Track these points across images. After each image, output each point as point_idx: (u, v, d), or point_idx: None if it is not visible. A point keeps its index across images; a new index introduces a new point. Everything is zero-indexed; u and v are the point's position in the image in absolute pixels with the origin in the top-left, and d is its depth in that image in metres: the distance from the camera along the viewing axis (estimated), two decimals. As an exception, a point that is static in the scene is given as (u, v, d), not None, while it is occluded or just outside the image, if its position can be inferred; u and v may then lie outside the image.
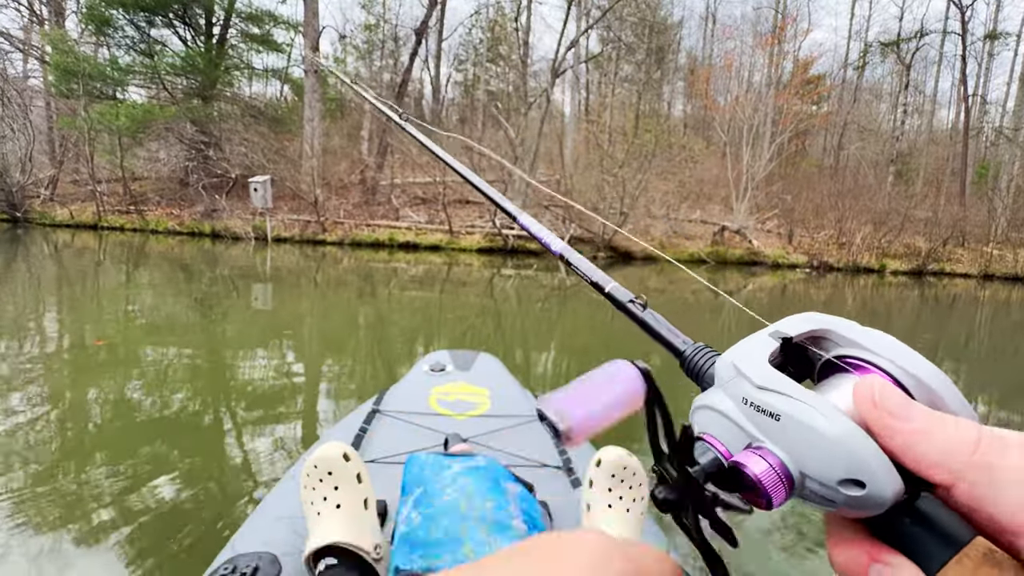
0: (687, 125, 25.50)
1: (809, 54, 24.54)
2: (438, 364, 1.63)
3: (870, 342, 0.21)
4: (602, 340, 4.64)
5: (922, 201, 16.22)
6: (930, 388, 0.19)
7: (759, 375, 0.21)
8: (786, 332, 0.23)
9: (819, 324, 0.23)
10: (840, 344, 0.22)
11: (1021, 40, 20.10)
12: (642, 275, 10.42)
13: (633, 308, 0.36)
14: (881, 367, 0.20)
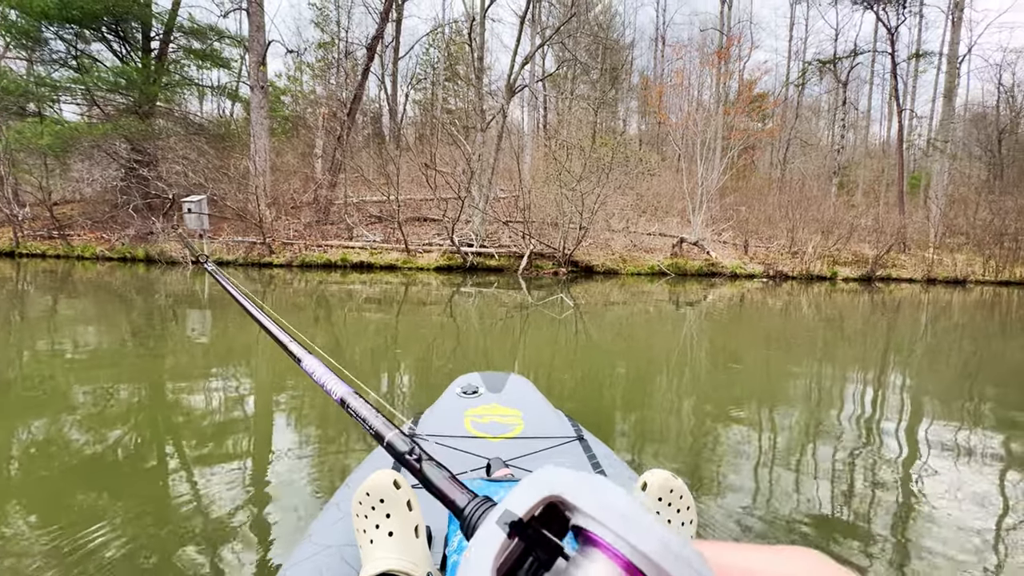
0: (642, 141, 26.14)
1: (753, 73, 25.72)
2: (470, 386, 1.62)
3: (597, 510, 0.19)
4: (565, 357, 4.36)
5: (866, 211, 17.00)
6: (663, 569, 0.18)
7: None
8: (515, 512, 0.20)
9: (548, 490, 0.21)
10: (572, 510, 0.20)
11: (942, 60, 21.69)
12: (603, 289, 10.29)
13: (410, 460, 0.35)
14: (614, 545, 0.18)
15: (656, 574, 0.18)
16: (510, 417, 1.43)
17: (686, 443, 2.47)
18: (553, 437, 1.32)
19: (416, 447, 0.36)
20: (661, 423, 2.76)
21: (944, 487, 2.03)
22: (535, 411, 1.50)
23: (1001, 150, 21.42)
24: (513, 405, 1.51)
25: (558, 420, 1.48)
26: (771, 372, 4.16)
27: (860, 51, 23.37)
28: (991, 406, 3.31)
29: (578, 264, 12.23)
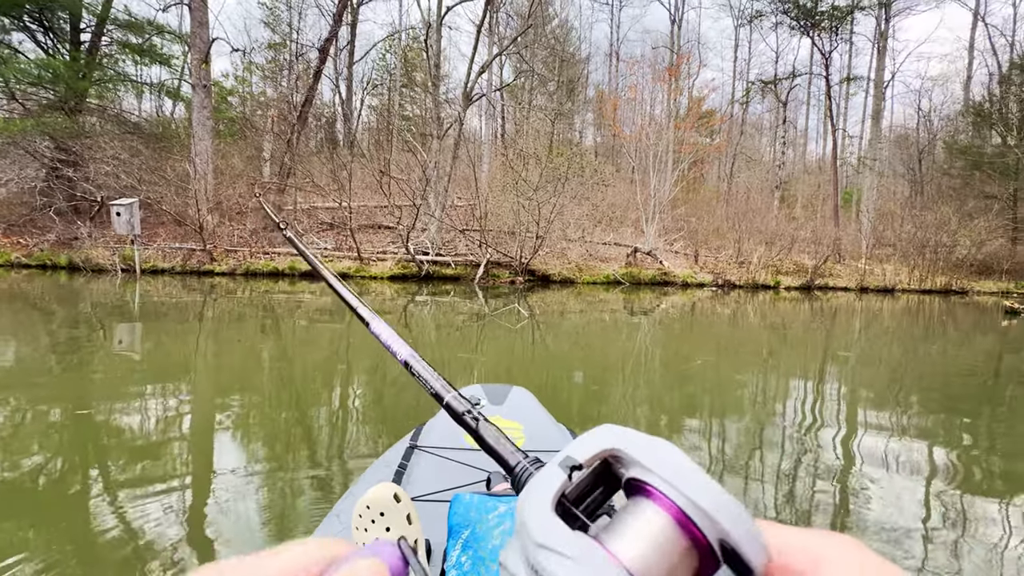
0: (598, 152, 26.73)
1: (701, 91, 26.92)
2: (472, 398, 1.40)
3: (656, 464, 0.20)
4: (522, 366, 4.29)
5: (805, 223, 18.02)
6: (719, 525, 0.18)
7: (538, 529, 0.19)
8: (576, 459, 0.22)
9: (610, 443, 0.22)
10: (630, 464, 0.21)
11: (870, 84, 23.44)
12: (560, 298, 10.33)
13: (467, 420, 0.38)
14: (670, 497, 0.19)
15: (708, 523, 0.18)
16: (511, 430, 1.40)
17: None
18: (554, 451, 1.27)
19: (473, 409, 0.39)
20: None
21: (877, 470, 2.20)
22: (536, 424, 1.49)
23: (921, 169, 23.31)
24: (514, 418, 1.50)
25: (559, 433, 1.47)
26: (722, 378, 4.24)
27: (798, 73, 24.93)
28: (915, 400, 3.58)
29: (535, 273, 12.26)
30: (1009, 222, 17.67)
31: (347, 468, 2.12)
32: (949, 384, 4.36)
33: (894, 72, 24.43)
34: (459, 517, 0.84)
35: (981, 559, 1.53)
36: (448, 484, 1.13)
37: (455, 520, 0.83)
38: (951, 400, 3.73)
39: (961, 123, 22.84)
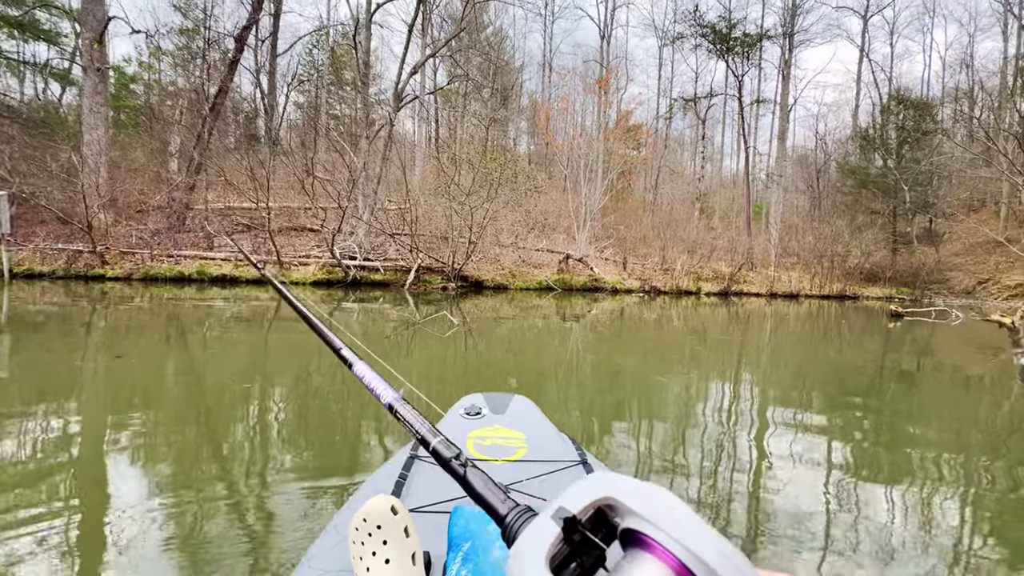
0: (531, 160, 27.13)
1: (629, 105, 28.16)
2: (473, 408, 1.60)
3: (654, 514, 0.19)
4: (455, 374, 4.11)
5: (722, 233, 19.28)
6: (719, 574, 0.18)
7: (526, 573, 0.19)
8: (569, 509, 0.21)
9: (603, 492, 0.21)
10: (625, 514, 0.21)
11: (776, 107, 25.68)
12: (493, 304, 10.24)
13: (454, 466, 0.37)
14: (671, 550, 0.18)
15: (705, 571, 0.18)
16: (513, 440, 1.42)
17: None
18: (556, 461, 1.31)
19: (461, 454, 0.37)
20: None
21: (784, 460, 2.41)
22: (538, 434, 1.48)
23: (819, 186, 25.82)
24: (516, 427, 1.50)
25: (562, 443, 1.46)
26: (649, 379, 4.31)
27: (715, 93, 26.78)
28: (817, 394, 3.96)
29: (468, 279, 12.10)
30: (890, 235, 19.95)
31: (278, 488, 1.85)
32: (844, 380, 4.72)
33: (796, 97, 27.00)
34: (459, 529, 0.83)
35: (873, 535, 1.67)
36: (448, 495, 1.10)
37: (455, 532, 0.83)
38: (845, 395, 4.06)
39: (851, 146, 25.57)
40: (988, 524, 1.78)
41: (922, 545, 1.60)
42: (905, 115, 20.94)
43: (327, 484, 1.96)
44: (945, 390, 4.47)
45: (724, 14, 24.36)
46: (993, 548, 1.61)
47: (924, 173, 19.67)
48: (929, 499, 1.98)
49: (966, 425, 3.26)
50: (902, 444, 2.73)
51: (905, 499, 1.98)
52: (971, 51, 27.62)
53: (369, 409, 2.90)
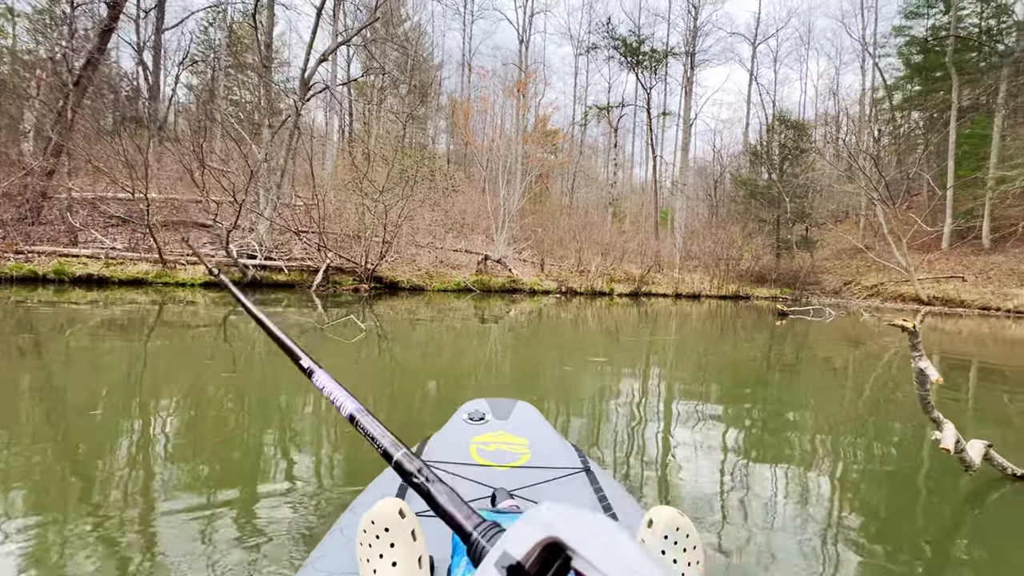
0: (450, 160, 26.81)
1: (546, 109, 28.81)
2: (477, 413, 1.57)
3: (603, 560, 0.19)
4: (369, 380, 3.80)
5: (632, 237, 20.30)
6: None
7: None
8: (513, 555, 0.20)
9: (547, 532, 0.20)
10: (574, 554, 0.20)
11: (680, 120, 27.62)
12: (409, 306, 9.87)
13: (417, 481, 0.36)
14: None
15: None
16: (516, 446, 1.42)
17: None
18: (559, 468, 1.31)
19: (424, 468, 0.36)
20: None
21: (687, 444, 2.67)
22: (542, 440, 1.48)
23: (716, 195, 28.16)
24: (520, 433, 1.50)
25: (565, 450, 1.45)
26: (565, 377, 4.29)
27: (626, 104, 28.19)
28: (715, 385, 4.25)
29: (382, 280, 11.57)
30: (775, 241, 22.21)
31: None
32: (737, 372, 5.12)
33: (697, 113, 29.19)
34: None
35: (760, 508, 1.90)
36: None
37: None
38: (739, 385, 4.44)
39: (742, 160, 28.17)
40: (851, 492, 2.09)
41: (801, 514, 1.85)
42: (786, 134, 23.43)
43: (330, 486, 1.95)
44: (818, 378, 5.03)
45: (634, 29, 25.75)
46: (856, 513, 1.91)
47: (801, 186, 22.13)
48: (805, 474, 2.27)
49: (835, 409, 3.68)
50: (784, 428, 3.06)
51: (787, 475, 2.25)
52: (837, 82, 31.69)
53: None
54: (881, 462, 2.49)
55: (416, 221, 13.08)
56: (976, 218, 20.16)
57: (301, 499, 1.82)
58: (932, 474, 2.35)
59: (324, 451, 2.40)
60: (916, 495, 2.12)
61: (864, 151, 21.54)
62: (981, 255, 18.68)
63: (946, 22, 23.78)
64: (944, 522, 1.89)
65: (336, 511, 1.68)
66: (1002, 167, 18.26)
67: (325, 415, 3.00)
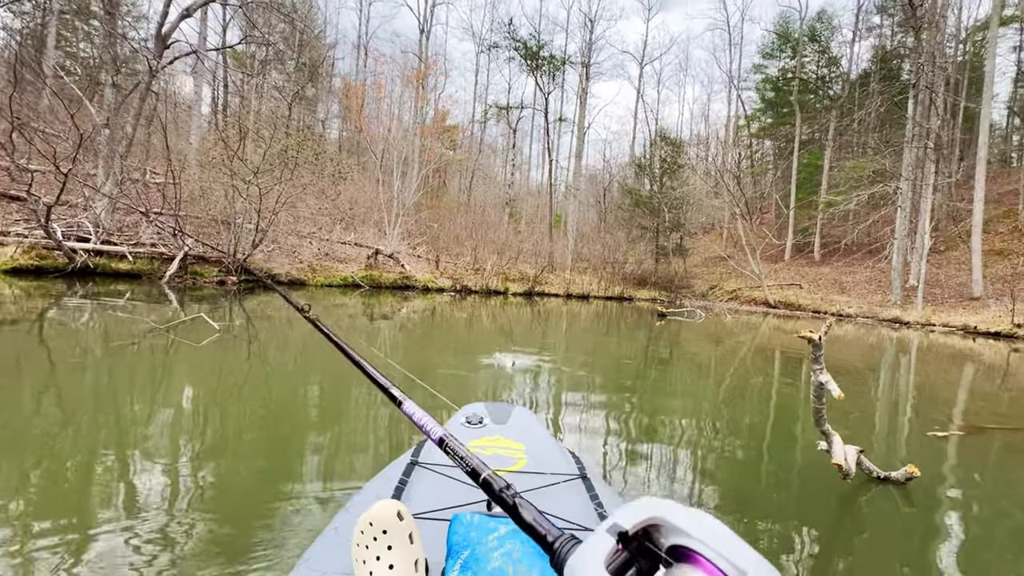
0: (343, 147, 25.16)
1: (446, 104, 28.32)
2: (475, 416, 1.57)
3: (697, 530, 0.22)
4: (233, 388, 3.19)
5: (528, 237, 20.68)
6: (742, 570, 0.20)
7: None
8: (622, 525, 0.24)
9: (651, 512, 0.24)
10: (672, 532, 0.23)
11: (574, 127, 28.84)
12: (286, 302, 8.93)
13: (505, 497, 0.39)
14: (711, 560, 0.21)
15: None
16: (513, 450, 1.43)
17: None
18: (556, 473, 1.32)
19: (510, 486, 0.39)
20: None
21: (574, 429, 2.97)
22: (539, 445, 1.49)
23: (605, 201, 29.90)
24: (517, 438, 1.50)
25: (562, 456, 1.47)
26: (458, 375, 4.07)
27: (525, 106, 28.72)
28: (600, 378, 4.52)
29: (255, 273, 10.34)
30: (655, 247, 24.14)
31: None
32: (619, 366, 5.51)
33: (590, 122, 30.73)
34: (459, 537, 0.85)
35: (639, 481, 2.24)
36: (448, 503, 1.09)
37: (455, 540, 0.84)
38: (621, 378, 4.85)
39: (628, 170, 30.24)
40: (712, 463, 2.51)
41: (672, 487, 2.19)
42: (666, 150, 25.58)
43: (325, 486, 1.95)
44: (687, 372, 5.64)
45: (534, 33, 26.32)
46: (714, 479, 2.30)
47: (677, 198, 24.30)
48: (675, 452, 2.66)
49: (699, 397, 4.21)
50: (658, 413, 3.51)
51: (661, 453, 2.64)
52: (708, 108, 35.43)
53: (370, 413, 3.00)
54: (763, 457, 2.73)
55: (299, 209, 11.93)
56: (810, 235, 23.77)
57: (293, 499, 1.80)
58: (795, 460, 2.64)
59: (319, 453, 2.36)
60: (780, 480, 2.38)
61: (728, 170, 24.30)
62: (813, 266, 22.04)
63: (793, 66, 27.75)
64: (807, 515, 1.98)
65: (330, 511, 1.69)
66: (830, 193, 21.71)
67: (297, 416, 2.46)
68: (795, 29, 27.91)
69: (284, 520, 1.67)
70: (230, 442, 2.49)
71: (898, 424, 3.72)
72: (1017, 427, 3.65)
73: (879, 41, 26.17)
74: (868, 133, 23.88)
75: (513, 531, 0.87)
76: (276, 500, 1.85)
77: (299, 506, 1.77)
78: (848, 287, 18.24)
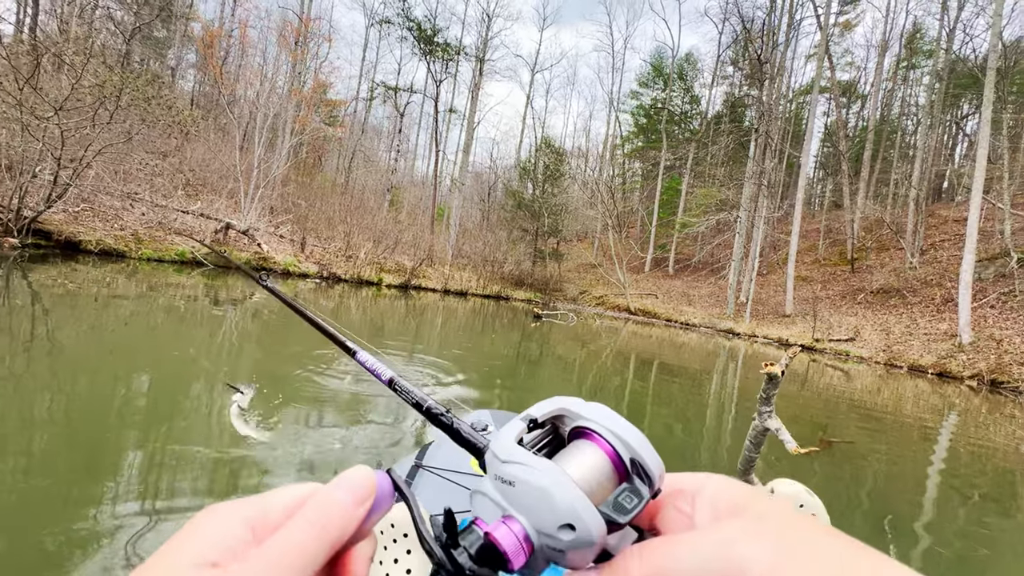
0: (197, 103, 21.77)
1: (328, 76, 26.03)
2: (479, 423, 1.03)
3: (592, 414, 0.28)
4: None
5: (408, 228, 19.81)
6: (633, 449, 0.27)
7: (503, 451, 0.26)
8: (533, 414, 0.29)
9: (558, 405, 0.30)
10: (575, 419, 0.29)
11: (465, 121, 28.49)
12: (98, 276, 7.24)
13: (443, 420, 0.44)
14: (602, 435, 0.27)
15: (630, 456, 0.27)
16: None
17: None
18: None
19: (449, 411, 0.44)
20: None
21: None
22: None
23: (489, 200, 30.08)
24: None
25: None
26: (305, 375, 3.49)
27: (415, 91, 27.61)
28: (473, 375, 4.48)
29: (51, 236, 8.19)
30: (533, 250, 24.86)
31: None
32: (492, 364, 5.61)
33: (480, 119, 30.64)
34: None
35: None
36: (454, 508, 0.87)
37: None
38: (493, 376, 4.97)
39: (513, 173, 30.81)
40: None
41: None
42: (550, 157, 26.54)
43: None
44: (557, 370, 5.92)
45: (430, 16, 25.41)
46: None
47: (557, 205, 25.35)
48: None
49: (566, 391, 4.55)
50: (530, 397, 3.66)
51: None
52: (590, 124, 37.66)
53: (370, 416, 3.01)
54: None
55: (127, 164, 9.83)
56: (667, 251, 26.48)
57: None
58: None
59: (320, 450, 2.29)
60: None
61: (605, 184, 26.00)
62: (668, 279, 24.56)
63: (663, 97, 30.72)
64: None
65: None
66: (685, 215, 24.37)
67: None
68: (667, 64, 30.95)
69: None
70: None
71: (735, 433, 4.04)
72: (851, 440, 4.21)
73: (731, 88, 30.17)
74: (718, 166, 27.37)
75: None
76: None
77: None
78: (694, 300, 20.59)
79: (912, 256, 16.62)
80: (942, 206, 21.51)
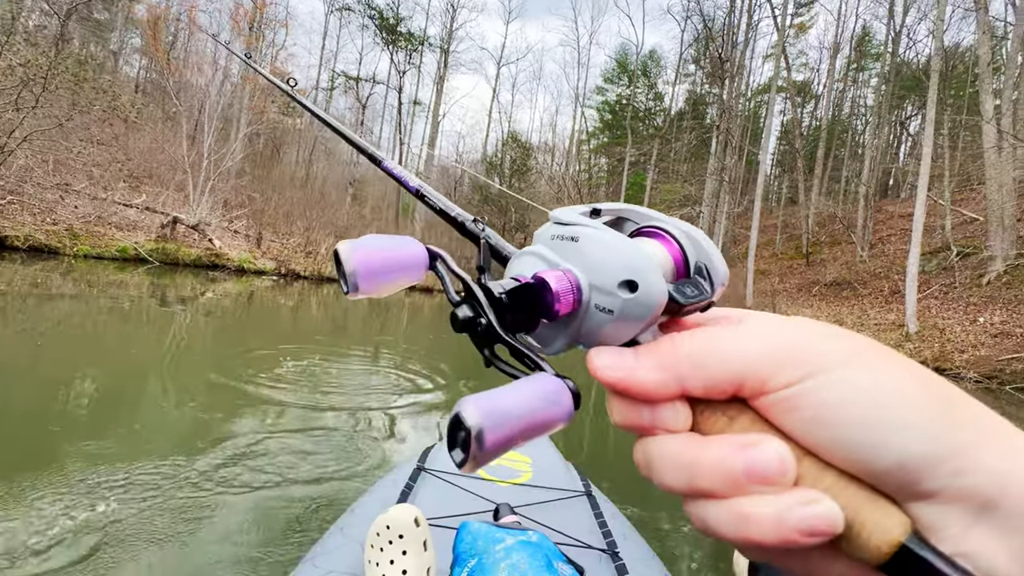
0: (143, 90, 20.54)
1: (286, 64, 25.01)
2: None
3: (657, 216, 0.27)
4: None
5: (372, 223, 19.31)
6: (704, 250, 0.25)
7: (567, 216, 0.26)
8: (598, 206, 0.28)
9: (622, 208, 0.29)
10: (641, 220, 0.28)
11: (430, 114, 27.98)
12: (32, 274, 6.67)
13: (473, 228, 0.39)
14: (672, 233, 0.26)
15: (697, 260, 0.26)
16: (519, 463, 1.43)
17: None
18: (560, 489, 1.32)
19: (477, 219, 0.40)
20: None
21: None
22: (545, 459, 1.49)
23: (455, 194, 29.73)
24: (524, 451, 1.50)
25: (567, 472, 1.46)
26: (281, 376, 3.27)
27: (378, 81, 26.91)
28: (442, 361, 4.28)
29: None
30: (500, 245, 24.79)
31: None
32: (468, 361, 5.35)
33: (446, 112, 30.16)
34: (466, 545, 0.84)
35: None
36: (454, 511, 1.12)
37: (462, 548, 0.84)
38: (464, 373, 4.83)
39: (480, 167, 30.53)
40: None
41: None
42: (516, 152, 26.44)
43: (323, 486, 1.92)
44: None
45: (392, 5, 24.76)
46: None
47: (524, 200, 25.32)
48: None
49: None
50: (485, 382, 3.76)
51: None
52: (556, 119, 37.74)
53: (371, 418, 2.97)
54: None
55: (60, 154, 9.10)
56: (632, 246, 26.90)
57: (296, 498, 1.80)
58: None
59: (322, 453, 2.27)
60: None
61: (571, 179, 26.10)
62: (633, 274, 24.96)
63: (628, 94, 31.05)
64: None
65: (334, 510, 1.64)
66: (650, 210, 24.81)
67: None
68: (632, 61, 31.30)
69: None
70: None
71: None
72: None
73: (692, 86, 30.80)
74: (682, 163, 27.91)
75: (520, 543, 0.85)
76: None
77: None
78: (659, 294, 21.04)
79: (862, 250, 17.41)
80: (889, 202, 22.64)
